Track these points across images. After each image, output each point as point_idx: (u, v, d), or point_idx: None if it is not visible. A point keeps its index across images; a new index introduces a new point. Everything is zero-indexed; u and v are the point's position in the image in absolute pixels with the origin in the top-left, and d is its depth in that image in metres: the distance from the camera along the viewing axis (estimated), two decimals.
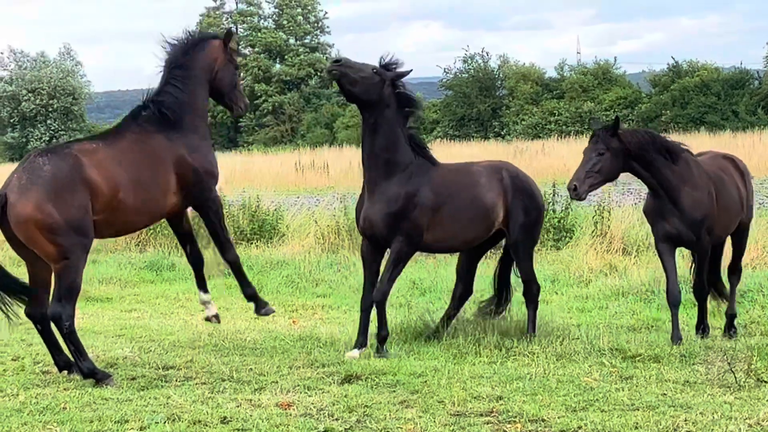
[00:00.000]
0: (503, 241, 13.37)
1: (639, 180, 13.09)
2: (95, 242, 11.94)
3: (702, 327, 13.45)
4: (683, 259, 15.85)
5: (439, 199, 12.61)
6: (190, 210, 12.59)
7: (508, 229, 12.98)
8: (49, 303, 11.48)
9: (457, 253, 13.67)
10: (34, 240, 11.14)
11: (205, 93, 12.38)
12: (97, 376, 11.37)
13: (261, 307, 12.47)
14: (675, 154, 12.78)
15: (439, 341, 12.97)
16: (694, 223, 12.81)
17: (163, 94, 12.19)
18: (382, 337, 12.60)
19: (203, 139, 12.16)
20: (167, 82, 12.30)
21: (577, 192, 12.52)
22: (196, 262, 12.47)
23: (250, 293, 12.58)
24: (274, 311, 12.49)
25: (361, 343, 12.68)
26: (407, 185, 12.45)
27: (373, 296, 12.59)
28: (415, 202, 12.45)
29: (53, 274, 11.38)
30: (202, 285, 12.48)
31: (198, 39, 12.57)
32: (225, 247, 12.34)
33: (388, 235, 12.47)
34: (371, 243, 12.71)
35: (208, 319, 12.67)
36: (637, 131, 13.09)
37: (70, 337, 11.35)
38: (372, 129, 12.45)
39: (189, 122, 12.06)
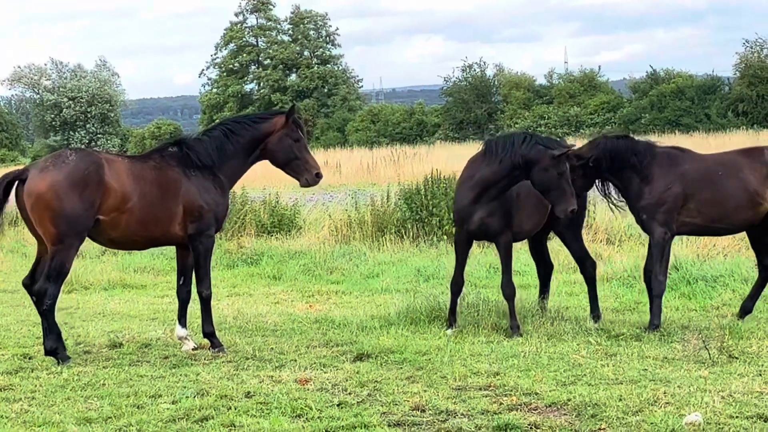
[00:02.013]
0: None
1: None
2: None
3: (652, 320, 12.73)
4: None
5: (520, 198, 12.77)
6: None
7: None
8: None
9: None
10: (38, 216, 11.18)
11: (243, 157, 12.20)
12: (57, 355, 11.43)
13: (215, 347, 12.12)
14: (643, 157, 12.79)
15: (542, 317, 13.05)
16: (637, 210, 12.84)
17: (197, 140, 12.13)
18: (516, 325, 12.58)
19: (220, 187, 11.99)
20: (206, 132, 12.32)
21: None
22: (185, 298, 12.16)
23: (208, 331, 12.13)
24: (225, 353, 11.94)
25: (452, 322, 12.82)
26: (510, 194, 12.65)
27: (504, 292, 12.67)
28: (517, 202, 12.67)
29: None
30: (181, 320, 12.12)
31: (263, 114, 12.63)
32: (202, 281, 12.01)
33: (498, 232, 12.61)
34: (472, 238, 12.94)
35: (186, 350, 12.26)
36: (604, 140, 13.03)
37: (47, 314, 11.40)
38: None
39: (212, 170, 11.93)
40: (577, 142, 13.88)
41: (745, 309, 13.27)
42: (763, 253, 13.33)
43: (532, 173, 12.24)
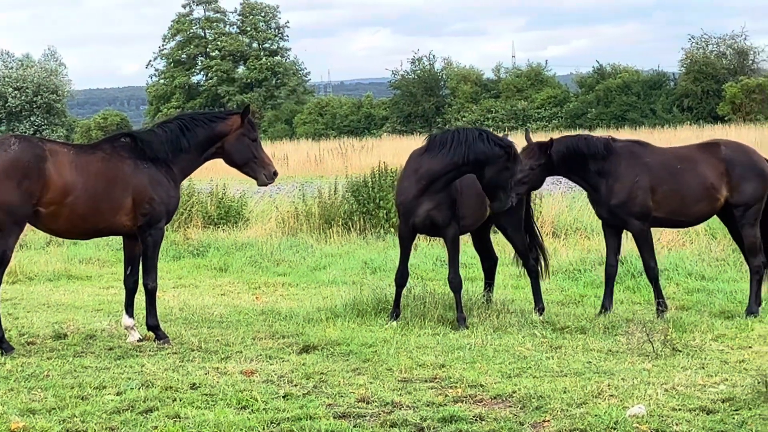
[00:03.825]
0: None
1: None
2: None
3: (658, 303, 13.15)
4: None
5: (462, 192, 12.82)
6: None
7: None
8: None
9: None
10: None
11: (196, 153, 12.05)
12: (2, 345, 11.34)
13: (160, 338, 12.05)
14: (601, 154, 12.95)
15: (488, 310, 13.16)
16: (611, 209, 12.98)
17: (151, 132, 12.01)
18: (462, 317, 12.62)
19: (171, 179, 11.86)
20: (161, 124, 12.19)
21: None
22: (132, 287, 12.03)
23: (152, 324, 12.03)
24: (170, 344, 11.77)
25: (396, 314, 12.86)
26: (454, 187, 12.70)
27: (451, 285, 12.77)
28: (460, 197, 12.72)
29: None
30: (129, 310, 12.01)
31: (218, 113, 12.49)
32: (149, 273, 11.90)
33: (445, 224, 12.65)
34: (416, 232, 13.00)
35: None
36: (566, 139, 13.20)
37: None
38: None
39: (165, 161, 11.78)
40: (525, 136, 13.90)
41: None
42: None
43: (485, 171, 12.37)
